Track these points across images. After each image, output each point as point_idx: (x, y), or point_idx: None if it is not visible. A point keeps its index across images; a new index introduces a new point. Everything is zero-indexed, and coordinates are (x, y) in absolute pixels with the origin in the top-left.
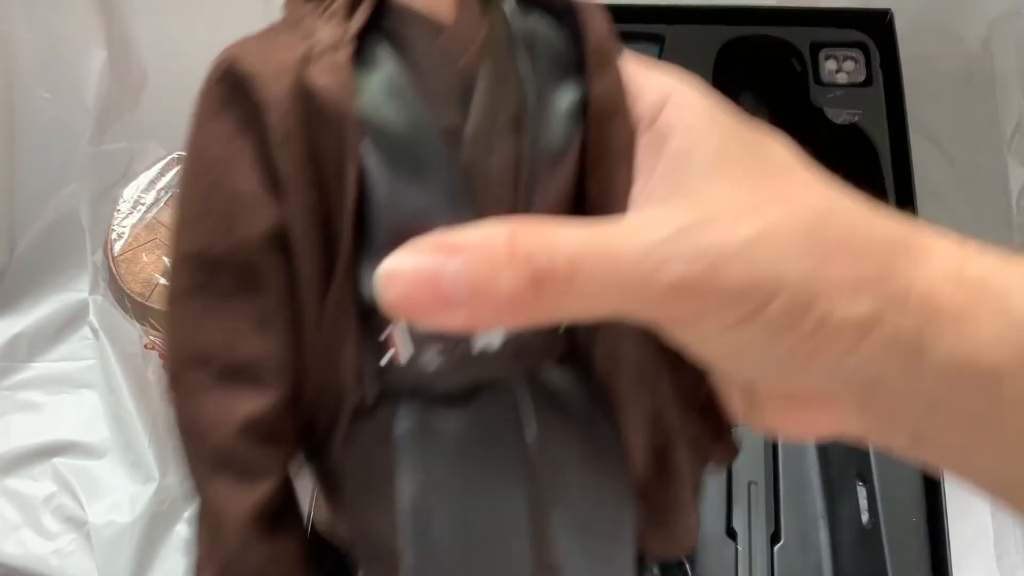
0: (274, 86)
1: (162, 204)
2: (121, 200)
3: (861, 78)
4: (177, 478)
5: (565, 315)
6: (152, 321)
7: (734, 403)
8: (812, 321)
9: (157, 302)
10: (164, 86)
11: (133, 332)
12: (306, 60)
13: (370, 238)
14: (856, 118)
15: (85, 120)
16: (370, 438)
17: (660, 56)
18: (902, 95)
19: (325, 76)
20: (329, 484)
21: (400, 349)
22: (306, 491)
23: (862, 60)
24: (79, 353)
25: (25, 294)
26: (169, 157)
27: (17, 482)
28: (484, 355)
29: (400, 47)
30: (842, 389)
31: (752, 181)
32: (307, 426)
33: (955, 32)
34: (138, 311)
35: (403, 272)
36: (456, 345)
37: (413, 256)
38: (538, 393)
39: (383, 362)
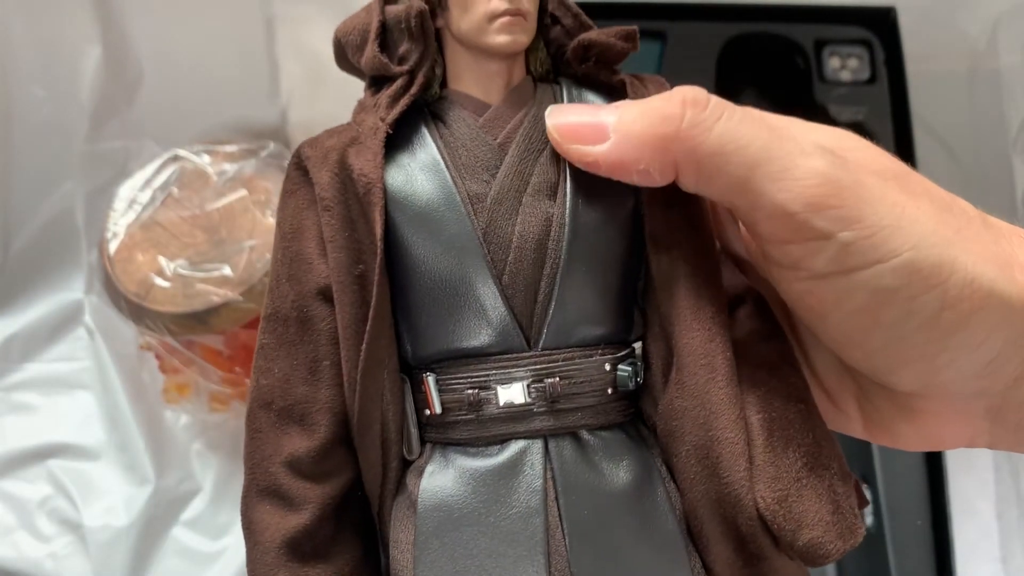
0: (322, 168)
1: (158, 203)
2: (116, 199)
3: (865, 76)
4: (173, 481)
5: (704, 152)
6: (147, 322)
7: (849, 416)
8: (959, 281)
9: (152, 302)
10: (160, 84)
11: (128, 333)
12: (349, 145)
13: (405, 298)
14: (860, 116)
15: (80, 118)
16: (403, 502)
17: (663, 53)
18: (906, 93)
19: (360, 158)
20: (383, 534)
21: (433, 401)
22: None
23: (866, 57)
24: (74, 354)
25: (19, 294)
26: (165, 156)
27: (11, 484)
28: (510, 409)
29: (443, 125)
30: (982, 385)
31: (882, 155)
32: (359, 475)
33: (960, 29)
34: (133, 311)
35: (566, 106)
36: (480, 400)
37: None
38: (573, 456)
39: (426, 413)
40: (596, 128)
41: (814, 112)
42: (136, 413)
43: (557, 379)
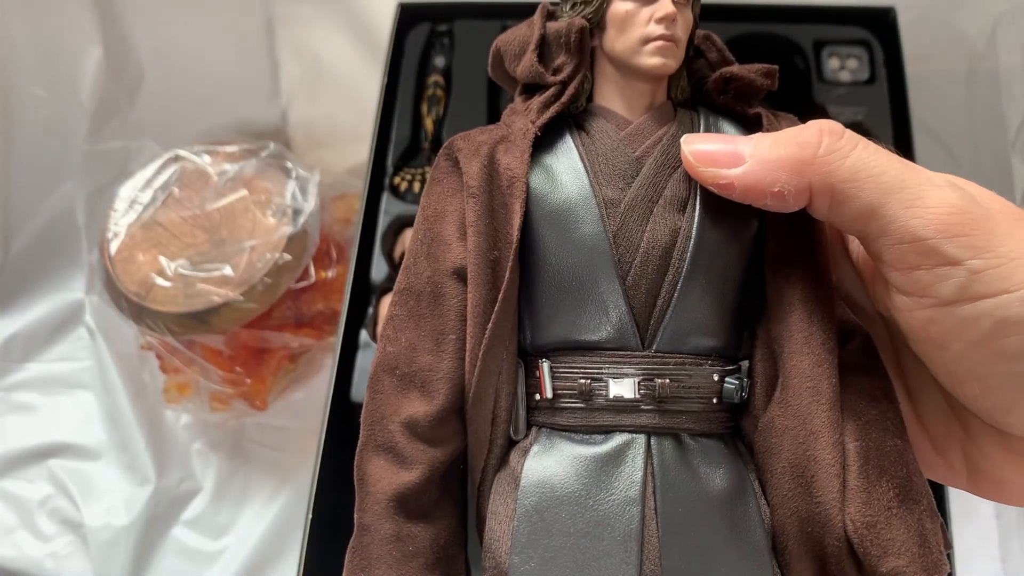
0: (473, 160)
1: (158, 203)
2: (117, 199)
3: (864, 76)
4: (173, 480)
5: (840, 178)
6: (148, 322)
7: (953, 465)
8: None
9: (153, 302)
10: (160, 84)
11: (129, 333)
12: (499, 142)
13: (531, 287)
14: (859, 116)
15: (81, 118)
16: (505, 477)
17: None
18: (905, 93)
19: (508, 155)
20: (480, 507)
21: (545, 386)
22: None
23: (865, 58)
24: (75, 354)
25: (20, 294)
26: (165, 156)
27: (12, 484)
28: (619, 403)
29: (585, 135)
30: None
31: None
32: (466, 447)
33: (959, 30)
34: (134, 311)
35: (704, 137)
36: (591, 390)
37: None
38: (673, 455)
39: (536, 397)
40: (732, 154)
41: (813, 112)
42: (137, 413)
43: (667, 380)
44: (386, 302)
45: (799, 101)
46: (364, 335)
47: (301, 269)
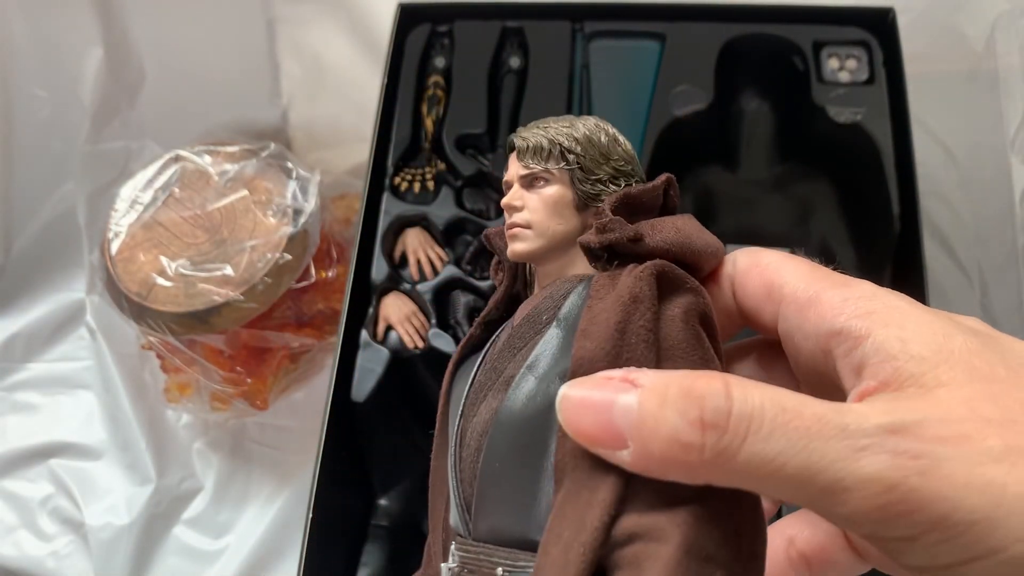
0: None
1: (159, 203)
2: (118, 199)
3: (863, 77)
4: (174, 480)
5: (736, 479)
6: (149, 321)
7: None
8: None
9: (153, 302)
10: (161, 85)
11: (130, 332)
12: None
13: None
14: (858, 117)
15: (82, 119)
16: None
17: (662, 54)
18: (905, 94)
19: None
20: None
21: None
22: None
23: (864, 58)
24: (76, 354)
25: (21, 294)
26: (166, 156)
27: (13, 483)
28: None
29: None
30: None
31: (997, 385)
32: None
33: (958, 30)
34: (135, 311)
35: (576, 397)
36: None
37: (591, 385)
38: None
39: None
40: (609, 432)
41: (813, 113)
42: (137, 412)
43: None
44: (386, 302)
45: (798, 102)
46: (364, 335)
47: (301, 269)
